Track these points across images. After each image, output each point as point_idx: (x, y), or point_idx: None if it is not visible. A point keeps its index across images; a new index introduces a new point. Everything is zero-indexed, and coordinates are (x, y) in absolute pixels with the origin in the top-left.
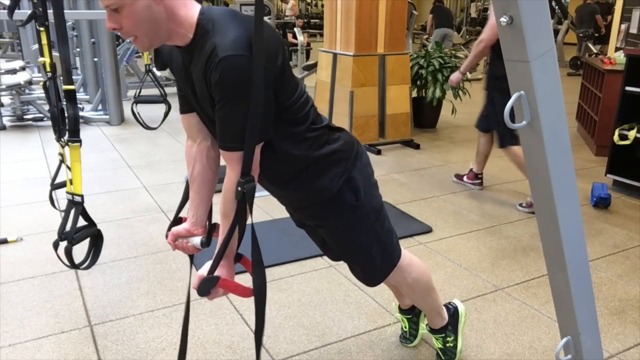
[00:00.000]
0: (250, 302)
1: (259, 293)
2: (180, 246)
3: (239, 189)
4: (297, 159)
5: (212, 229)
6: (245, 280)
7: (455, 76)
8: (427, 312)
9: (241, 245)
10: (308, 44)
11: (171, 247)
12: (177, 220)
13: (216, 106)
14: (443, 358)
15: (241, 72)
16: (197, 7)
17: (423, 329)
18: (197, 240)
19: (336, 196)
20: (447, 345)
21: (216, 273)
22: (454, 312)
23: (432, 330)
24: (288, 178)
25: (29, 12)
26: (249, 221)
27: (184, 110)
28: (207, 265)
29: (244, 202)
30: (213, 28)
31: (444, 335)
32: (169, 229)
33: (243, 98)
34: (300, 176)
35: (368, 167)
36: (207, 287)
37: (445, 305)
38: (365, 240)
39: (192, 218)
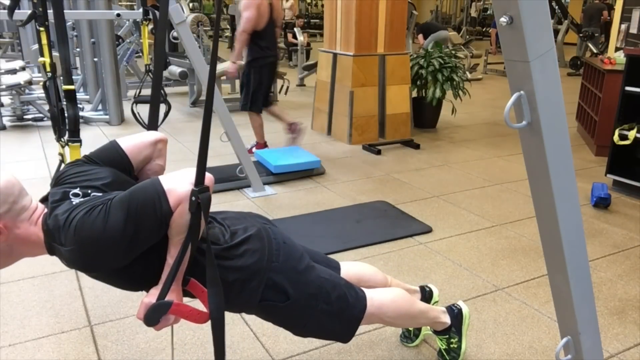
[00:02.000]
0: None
1: (217, 317)
2: None
3: (193, 198)
4: None
5: None
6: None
7: (232, 67)
8: (425, 325)
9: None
10: (308, 44)
11: None
12: None
13: (135, 251)
14: (447, 358)
15: (98, 234)
16: (42, 218)
17: (427, 329)
18: None
19: (263, 306)
20: (451, 346)
21: (168, 298)
22: (457, 314)
23: (436, 332)
24: None
25: (29, 12)
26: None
27: None
28: (154, 291)
29: (198, 214)
30: (54, 239)
31: (447, 336)
32: None
33: (115, 239)
34: None
35: (290, 258)
36: (157, 315)
37: (449, 307)
38: (315, 323)
39: None
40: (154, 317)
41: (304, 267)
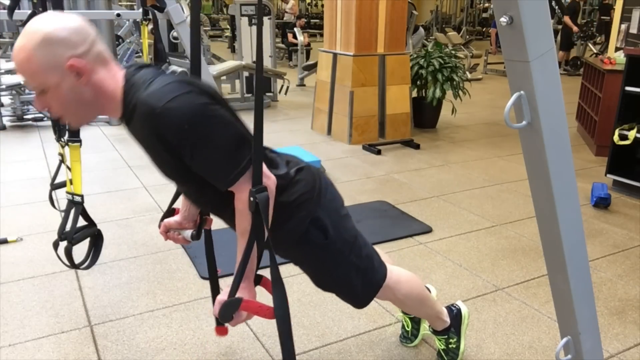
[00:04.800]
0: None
1: (282, 314)
2: (171, 237)
3: (251, 199)
4: None
5: (202, 222)
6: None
7: None
8: (426, 319)
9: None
10: (308, 44)
11: (163, 237)
12: (170, 212)
13: (188, 159)
14: (445, 358)
15: (187, 113)
16: (122, 73)
17: (425, 329)
18: (187, 233)
19: (304, 238)
20: (450, 346)
21: (238, 295)
22: (456, 314)
23: (435, 332)
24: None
25: (29, 12)
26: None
27: None
28: (227, 289)
29: (259, 213)
30: (136, 91)
31: (446, 336)
32: (162, 219)
33: (206, 132)
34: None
35: (335, 200)
36: (229, 311)
37: (448, 307)
38: (343, 273)
39: (184, 212)
40: (226, 314)
41: (345, 213)
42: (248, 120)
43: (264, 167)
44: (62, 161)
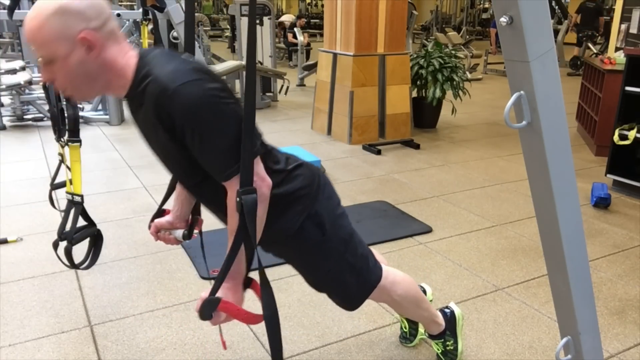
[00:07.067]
0: (248, 302)
1: (271, 319)
2: (162, 237)
3: (238, 199)
4: None
5: (194, 222)
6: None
7: None
8: (422, 322)
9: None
10: (308, 44)
11: (153, 237)
12: (160, 212)
13: (190, 144)
14: (444, 359)
15: (199, 97)
16: (134, 53)
17: (422, 334)
18: (179, 233)
19: (299, 234)
20: (448, 348)
21: (219, 295)
22: (450, 317)
23: (431, 337)
24: None
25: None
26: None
27: None
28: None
29: (244, 214)
30: (151, 69)
31: (442, 340)
32: (152, 219)
33: (214, 120)
34: None
35: (332, 198)
36: (207, 310)
37: (441, 310)
38: (338, 271)
39: (176, 212)
40: (204, 312)
41: (341, 212)
42: None
43: (262, 169)
44: (62, 161)
